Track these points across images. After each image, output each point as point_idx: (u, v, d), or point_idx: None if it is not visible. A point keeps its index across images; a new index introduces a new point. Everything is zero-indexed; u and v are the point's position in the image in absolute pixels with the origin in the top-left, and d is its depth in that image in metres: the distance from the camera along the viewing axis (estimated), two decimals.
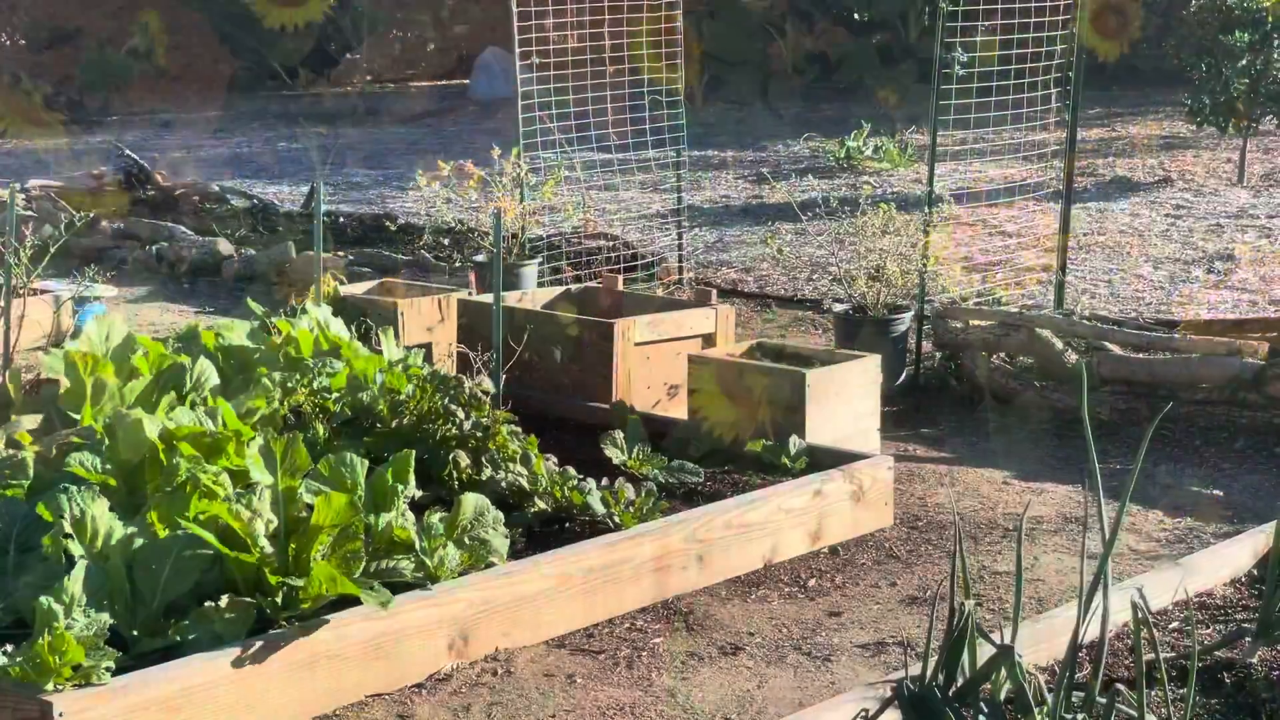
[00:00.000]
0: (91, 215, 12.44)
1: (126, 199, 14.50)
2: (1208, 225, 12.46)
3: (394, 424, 5.66)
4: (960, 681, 3.59)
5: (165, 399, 5.42)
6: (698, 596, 5.27)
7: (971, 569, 5.56)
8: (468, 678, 4.63)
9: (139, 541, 4.47)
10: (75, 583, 4.18)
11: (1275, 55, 14.37)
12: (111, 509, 4.58)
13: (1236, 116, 14.64)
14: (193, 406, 5.25)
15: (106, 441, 4.92)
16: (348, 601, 4.48)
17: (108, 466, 4.84)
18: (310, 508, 4.51)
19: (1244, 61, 14.37)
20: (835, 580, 5.46)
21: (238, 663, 4.18)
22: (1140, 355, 7.44)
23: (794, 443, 6.06)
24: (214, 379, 5.79)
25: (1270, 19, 14.33)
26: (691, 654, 4.83)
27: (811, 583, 5.43)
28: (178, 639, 4.25)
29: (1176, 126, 18.93)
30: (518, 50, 9.66)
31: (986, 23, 8.84)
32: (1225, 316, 8.89)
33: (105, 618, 4.16)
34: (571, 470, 5.56)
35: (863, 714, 3.67)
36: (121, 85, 27.14)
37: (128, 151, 15.97)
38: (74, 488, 4.54)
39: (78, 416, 5.48)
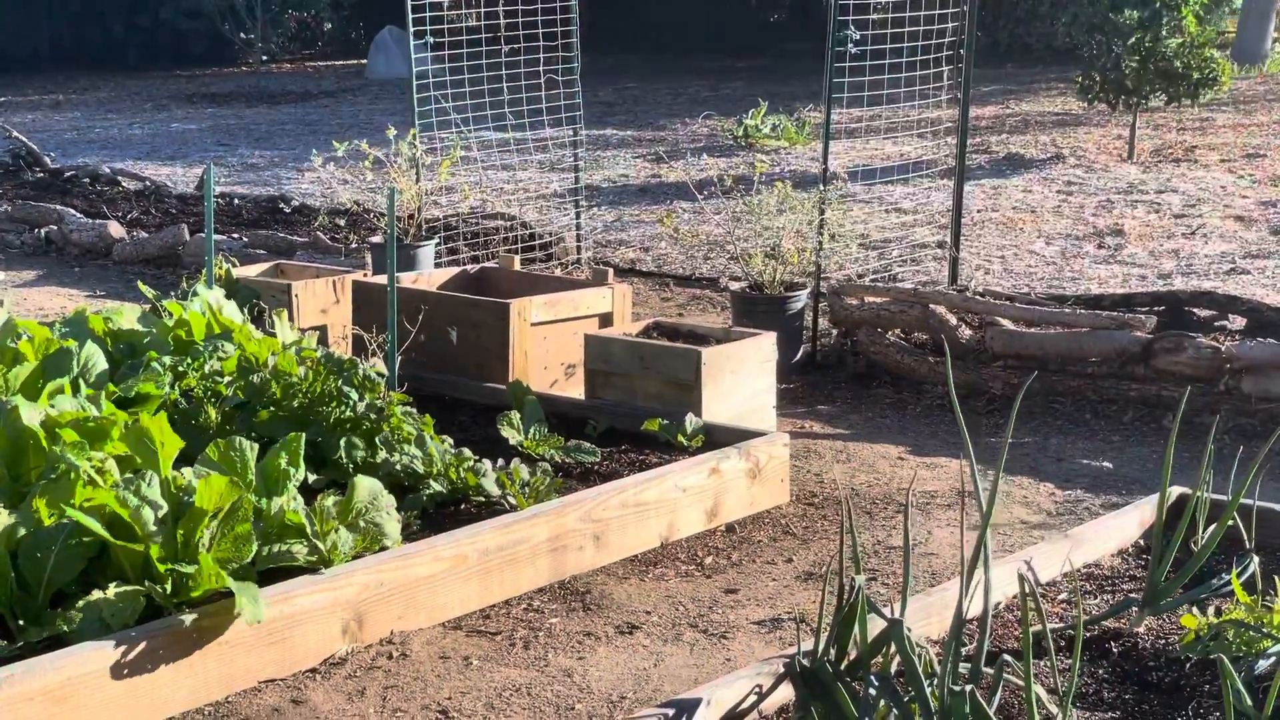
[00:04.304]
0: None
1: (14, 182, 14.24)
2: (1098, 201, 12.64)
3: (287, 407, 5.60)
4: (852, 655, 3.61)
5: (50, 385, 5.32)
6: (595, 576, 5.27)
7: (867, 544, 5.60)
8: (363, 661, 4.60)
9: (23, 530, 4.39)
10: None
11: (1164, 32, 14.60)
12: None
13: (1126, 93, 14.85)
14: (78, 392, 5.16)
15: None
16: None
17: None
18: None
19: (1134, 39, 14.58)
20: (732, 558, 5.48)
21: (126, 651, 4.12)
22: (1032, 330, 7.53)
23: (690, 421, 6.07)
24: (102, 364, 5.70)
25: None
26: (588, 634, 4.83)
27: (708, 560, 5.44)
28: (65, 628, 4.18)
29: (1068, 103, 19.19)
30: (411, 30, 9.59)
31: (879, 0, 8.89)
32: (1115, 291, 9.02)
33: None
34: (468, 452, 5.53)
35: (756, 690, 3.68)
36: None
37: (15, 133, 15.68)
38: None
39: None
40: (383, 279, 7.01)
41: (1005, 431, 3.46)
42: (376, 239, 9.38)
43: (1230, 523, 4.23)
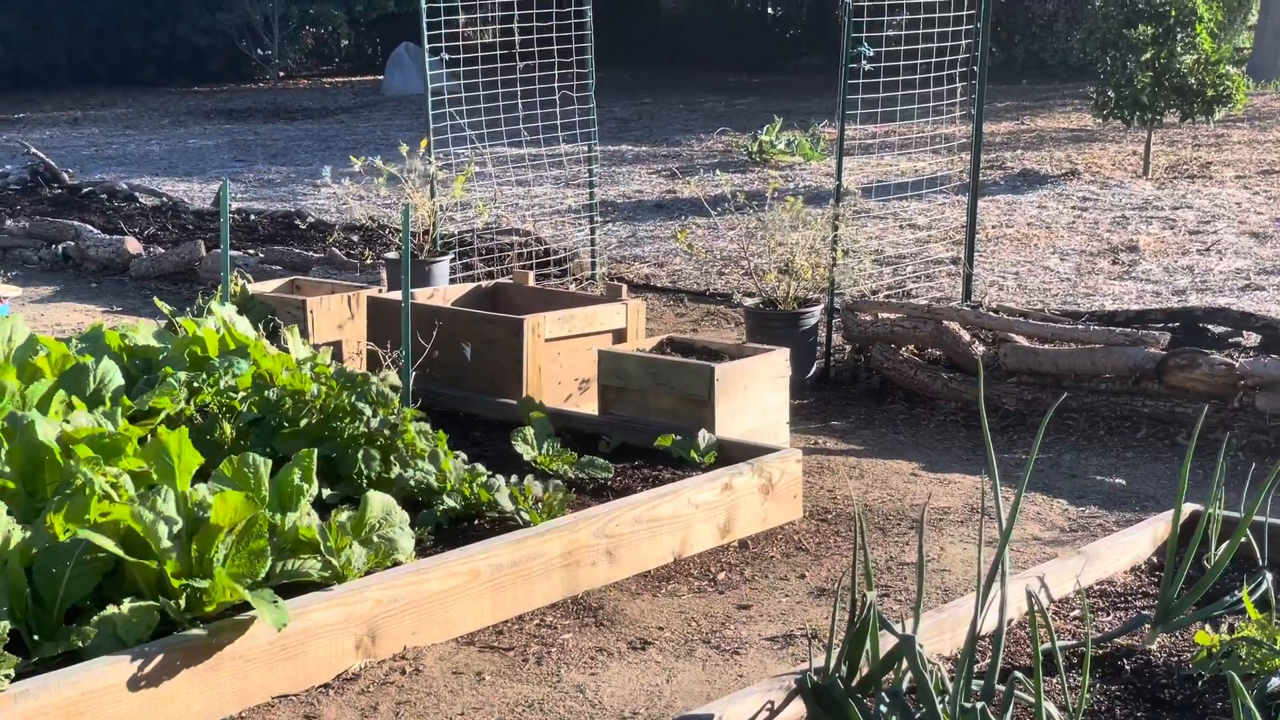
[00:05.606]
0: None
1: (32, 198, 14.31)
2: (1113, 217, 12.63)
3: (301, 423, 5.62)
4: (864, 672, 3.62)
5: (60, 399, 5.34)
6: (607, 591, 5.28)
7: (880, 560, 5.60)
8: (375, 677, 4.61)
9: (39, 545, 4.41)
10: None
11: (1179, 49, 14.59)
12: (10, 513, 4.52)
13: (1141, 109, 14.84)
14: (94, 408, 5.19)
15: (5, 445, 4.86)
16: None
17: (6, 469, 4.78)
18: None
19: (1148, 55, 14.58)
20: (745, 573, 5.48)
21: (140, 666, 4.13)
22: (1045, 346, 7.52)
23: (703, 437, 6.08)
24: (118, 380, 5.73)
25: (1173, 13, 14.54)
26: (601, 649, 4.84)
27: (721, 576, 5.45)
28: (80, 643, 4.20)
29: (1083, 120, 19.19)
30: (427, 46, 9.63)
31: (893, 17, 8.91)
32: (1129, 307, 9.01)
33: (5, 623, 4.10)
34: (481, 467, 5.55)
35: (768, 706, 3.68)
36: None
37: (34, 150, 15.77)
38: None
39: None
40: (397, 295, 7.04)
41: (1032, 448, 3.47)
42: (391, 255, 9.41)
43: (1243, 539, 4.23)
